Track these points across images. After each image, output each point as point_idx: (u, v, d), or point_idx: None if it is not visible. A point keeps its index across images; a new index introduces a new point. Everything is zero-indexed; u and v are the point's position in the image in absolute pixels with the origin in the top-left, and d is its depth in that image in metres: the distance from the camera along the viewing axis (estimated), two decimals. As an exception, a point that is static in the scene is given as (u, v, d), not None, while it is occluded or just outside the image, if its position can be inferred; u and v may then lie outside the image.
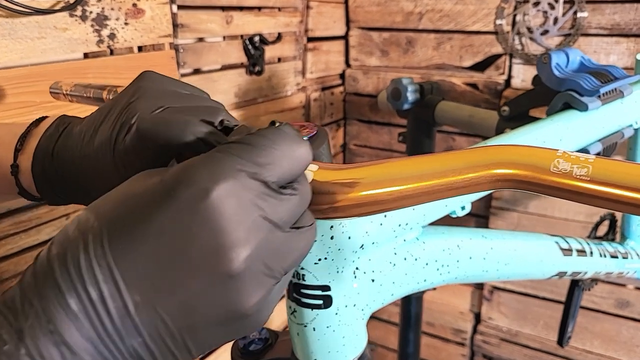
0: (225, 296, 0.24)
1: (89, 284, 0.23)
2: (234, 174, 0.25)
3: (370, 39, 1.33)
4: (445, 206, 0.51)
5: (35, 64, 0.77)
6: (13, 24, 0.74)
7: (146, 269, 0.23)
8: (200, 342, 0.25)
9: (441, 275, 0.52)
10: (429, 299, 1.42)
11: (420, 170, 0.30)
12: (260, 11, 1.09)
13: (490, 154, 0.29)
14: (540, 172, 0.27)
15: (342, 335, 0.44)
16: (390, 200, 0.31)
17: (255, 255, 0.24)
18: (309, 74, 1.27)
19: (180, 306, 0.24)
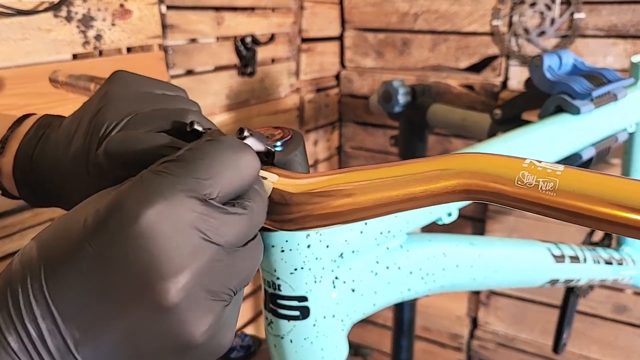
0: (167, 327, 0.22)
1: (27, 320, 0.21)
2: (168, 195, 0.23)
3: (366, 40, 1.32)
4: (429, 213, 0.49)
5: (19, 65, 0.75)
6: (-6, 25, 0.73)
7: (82, 302, 0.22)
8: None
9: (426, 284, 0.50)
10: (425, 304, 1.41)
11: (378, 180, 0.29)
12: (252, 12, 1.07)
13: (452, 164, 0.27)
14: (504, 185, 0.26)
15: (320, 347, 0.43)
16: (347, 212, 0.29)
17: (197, 282, 0.23)
18: (303, 75, 1.26)
19: (122, 339, 0.22)
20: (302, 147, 0.38)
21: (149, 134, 0.32)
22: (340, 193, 0.29)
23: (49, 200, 0.39)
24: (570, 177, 0.23)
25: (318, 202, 0.30)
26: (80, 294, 0.22)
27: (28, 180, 0.38)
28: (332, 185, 0.30)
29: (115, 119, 0.35)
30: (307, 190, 0.30)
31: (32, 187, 0.38)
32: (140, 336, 0.22)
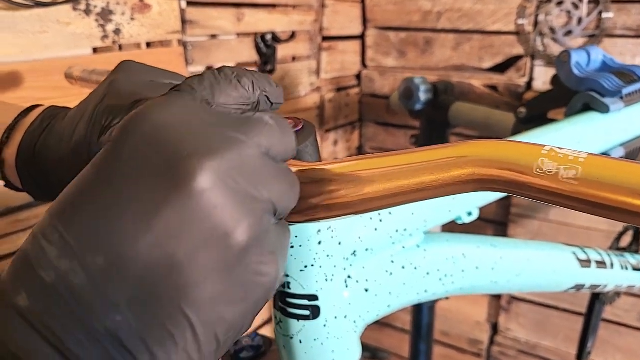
0: (200, 214, 0.20)
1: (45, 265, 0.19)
2: (188, 99, 0.23)
3: (387, 39, 1.30)
4: (448, 211, 0.47)
5: (37, 59, 0.75)
6: (13, 18, 0.73)
7: (102, 225, 0.19)
8: (198, 304, 0.20)
9: (444, 286, 0.48)
10: (444, 307, 1.38)
11: (387, 169, 0.27)
12: (273, 8, 1.06)
13: (466, 151, 0.25)
14: (522, 174, 0.24)
15: (331, 349, 0.41)
16: (355, 203, 0.28)
17: (229, 170, 0.20)
18: (324, 74, 1.24)
19: (154, 245, 0.19)
20: (314, 138, 0.36)
21: None
22: (347, 182, 0.28)
23: (51, 193, 0.38)
24: (595, 165, 0.21)
25: (325, 192, 0.28)
26: (88, 214, 0.20)
27: (31, 172, 0.38)
28: (339, 174, 0.28)
29: (120, 108, 0.34)
30: (314, 180, 0.28)
31: (35, 180, 0.38)
32: (173, 236, 0.19)
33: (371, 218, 0.42)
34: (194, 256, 0.20)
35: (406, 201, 0.28)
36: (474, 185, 0.26)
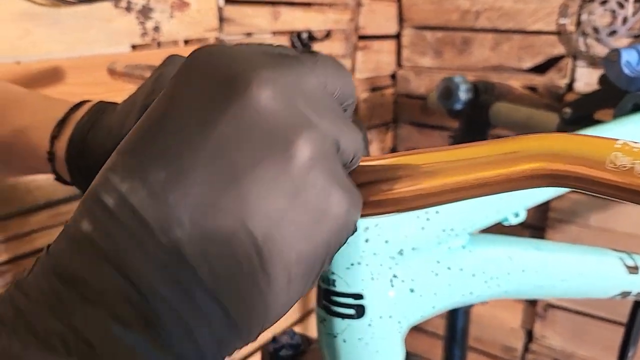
0: (259, 122, 0.19)
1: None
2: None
3: (424, 39, 1.28)
4: (496, 212, 0.46)
5: (80, 56, 0.76)
6: (58, 15, 0.74)
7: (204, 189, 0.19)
8: (260, 218, 0.19)
9: (489, 289, 0.47)
10: (477, 312, 1.35)
11: (445, 163, 0.26)
12: (309, 7, 1.06)
13: (531, 145, 0.24)
14: (593, 169, 0.22)
15: (375, 349, 0.40)
16: (409, 199, 0.27)
17: (284, 84, 0.20)
18: (359, 74, 1.23)
19: (208, 159, 0.19)
20: (364, 135, 0.36)
21: None
22: (401, 177, 0.27)
23: None
24: None
25: (378, 186, 0.27)
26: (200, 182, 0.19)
27: (80, 166, 0.38)
28: (393, 169, 0.27)
29: None
30: (366, 174, 0.27)
31: (83, 173, 0.38)
32: (233, 144, 0.19)
33: (418, 217, 0.41)
34: (255, 164, 0.19)
35: (464, 197, 0.27)
36: (540, 181, 0.24)
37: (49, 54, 0.74)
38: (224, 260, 0.18)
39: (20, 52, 0.72)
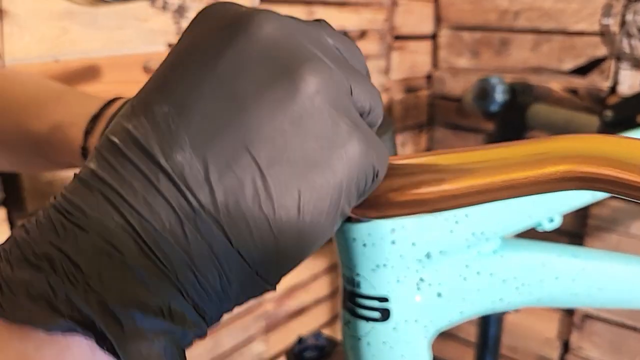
0: (263, 50, 0.19)
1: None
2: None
3: (461, 39, 1.26)
4: (528, 216, 0.45)
5: (116, 54, 0.78)
6: (95, 14, 0.75)
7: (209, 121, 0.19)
8: (264, 144, 0.19)
9: (521, 296, 0.46)
10: (512, 321, 1.32)
11: (472, 164, 0.25)
12: (344, 6, 1.05)
13: (562, 146, 0.23)
14: (627, 172, 0.21)
15: (400, 354, 0.39)
16: (435, 200, 0.26)
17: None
18: (394, 74, 1.22)
19: (211, 90, 0.19)
20: (392, 133, 0.35)
21: None
22: (428, 177, 0.26)
23: None
24: None
25: (403, 187, 0.27)
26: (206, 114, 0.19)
27: None
28: (418, 169, 0.26)
29: None
30: (391, 174, 0.27)
31: None
32: (235, 74, 0.19)
33: (446, 219, 0.40)
34: (258, 92, 0.19)
35: (491, 199, 0.26)
36: (570, 183, 0.23)
37: (86, 52, 0.75)
38: (226, 184, 0.18)
39: (58, 50, 0.73)
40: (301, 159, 0.19)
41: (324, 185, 0.20)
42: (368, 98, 0.22)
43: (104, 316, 0.17)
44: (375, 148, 0.22)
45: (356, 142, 0.20)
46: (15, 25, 0.69)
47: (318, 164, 0.19)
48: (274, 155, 0.19)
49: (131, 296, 0.17)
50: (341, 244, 0.38)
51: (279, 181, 0.19)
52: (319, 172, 0.20)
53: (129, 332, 0.17)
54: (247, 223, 0.18)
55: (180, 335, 0.18)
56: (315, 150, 0.19)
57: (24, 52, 0.71)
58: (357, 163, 0.21)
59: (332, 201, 0.20)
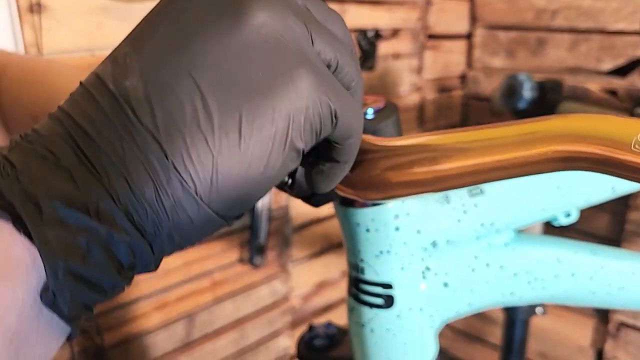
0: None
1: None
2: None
3: (496, 39, 1.24)
4: (542, 209, 0.44)
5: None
6: (129, 9, 0.78)
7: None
8: (207, 70, 0.20)
9: (533, 291, 0.45)
10: (543, 327, 1.29)
11: (463, 144, 0.25)
12: (377, 5, 1.05)
13: (549, 126, 0.23)
14: (616, 150, 0.21)
15: (403, 342, 0.39)
16: (428, 181, 0.26)
17: None
18: (426, 74, 1.21)
19: (162, 30, 0.21)
20: (396, 118, 0.35)
21: None
22: (421, 157, 0.26)
23: None
24: None
25: (399, 167, 0.27)
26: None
27: None
28: (414, 149, 0.27)
29: None
30: (388, 155, 0.27)
31: None
32: (184, 9, 0.21)
33: (454, 208, 0.40)
34: (205, 25, 0.20)
35: (483, 180, 0.26)
36: (558, 164, 0.23)
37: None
38: (165, 104, 0.19)
39: (94, 44, 0.76)
40: (244, 85, 0.20)
41: (267, 111, 0.20)
42: (332, 52, 0.22)
43: (24, 203, 0.18)
44: (331, 86, 0.22)
45: (304, 73, 0.21)
46: (53, 19, 0.72)
47: (261, 90, 0.20)
48: (217, 79, 0.20)
49: (57, 190, 0.18)
50: (346, 229, 0.38)
51: (219, 103, 0.20)
52: (262, 97, 0.20)
53: (47, 219, 0.18)
54: (184, 140, 0.19)
55: (107, 236, 0.19)
56: (259, 78, 0.20)
57: (61, 46, 0.74)
58: (305, 94, 0.21)
59: (277, 129, 0.20)
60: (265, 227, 1.00)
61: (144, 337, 0.95)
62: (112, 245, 0.19)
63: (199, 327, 1.03)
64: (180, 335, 1.01)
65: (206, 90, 0.19)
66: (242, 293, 1.07)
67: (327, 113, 0.22)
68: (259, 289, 1.09)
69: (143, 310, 0.94)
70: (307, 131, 0.21)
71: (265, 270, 1.09)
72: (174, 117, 0.19)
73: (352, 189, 0.29)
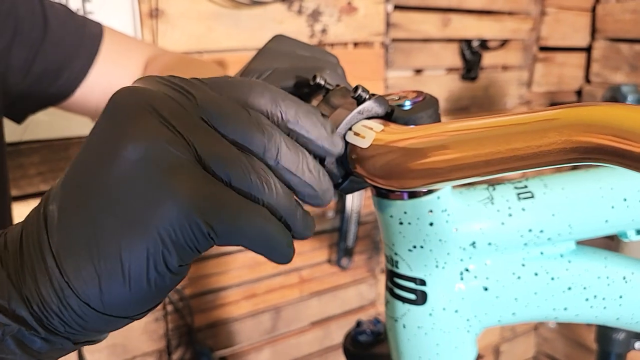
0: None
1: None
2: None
3: (618, 52, 1.15)
4: (604, 222, 0.41)
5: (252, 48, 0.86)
6: (237, 15, 0.84)
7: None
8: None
9: (592, 310, 0.42)
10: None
11: (477, 132, 0.25)
12: (484, 14, 1.03)
13: (563, 115, 0.22)
14: (631, 141, 0.20)
15: (435, 342, 0.39)
16: (443, 170, 0.26)
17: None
18: (536, 87, 1.16)
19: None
20: (433, 111, 0.35)
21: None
22: (435, 148, 0.27)
23: None
24: None
25: (412, 155, 0.27)
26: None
27: None
28: (427, 138, 0.27)
29: (260, 70, 0.38)
30: (409, 144, 0.28)
31: None
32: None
33: (499, 210, 0.38)
34: (97, 159, 0.24)
35: (500, 170, 0.25)
36: (571, 155, 0.22)
37: (229, 49, 0.84)
38: (69, 231, 0.23)
39: (203, 46, 0.83)
40: (123, 213, 0.23)
41: (140, 236, 0.23)
42: (223, 166, 0.24)
43: None
44: (208, 206, 0.23)
45: (168, 201, 0.22)
46: (169, 23, 0.80)
47: (136, 217, 0.22)
48: (104, 208, 0.23)
49: None
50: (381, 221, 0.39)
51: (104, 230, 0.23)
52: (136, 224, 0.23)
53: None
54: (77, 263, 0.23)
55: (16, 331, 0.23)
56: (135, 206, 0.23)
57: (174, 47, 0.81)
58: (169, 220, 0.22)
59: (150, 251, 0.23)
60: (353, 230, 1.02)
61: (232, 323, 1.01)
62: (24, 339, 0.23)
63: (284, 321, 1.06)
64: (266, 327, 1.05)
65: (96, 218, 0.23)
66: (329, 293, 1.09)
67: (198, 234, 0.23)
68: (346, 291, 1.11)
69: (233, 298, 0.99)
70: (181, 250, 0.23)
71: (354, 273, 1.10)
72: (72, 243, 0.23)
73: (375, 176, 0.30)
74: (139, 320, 0.25)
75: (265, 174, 0.25)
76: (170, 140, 0.23)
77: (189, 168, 0.23)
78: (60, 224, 0.23)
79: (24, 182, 0.76)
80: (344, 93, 0.35)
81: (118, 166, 0.23)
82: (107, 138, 0.23)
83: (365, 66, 0.92)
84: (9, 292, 0.23)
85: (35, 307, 0.23)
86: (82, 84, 0.56)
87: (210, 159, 0.23)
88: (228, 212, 0.23)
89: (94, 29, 0.56)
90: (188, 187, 0.22)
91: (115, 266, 0.23)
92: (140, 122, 0.23)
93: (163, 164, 0.23)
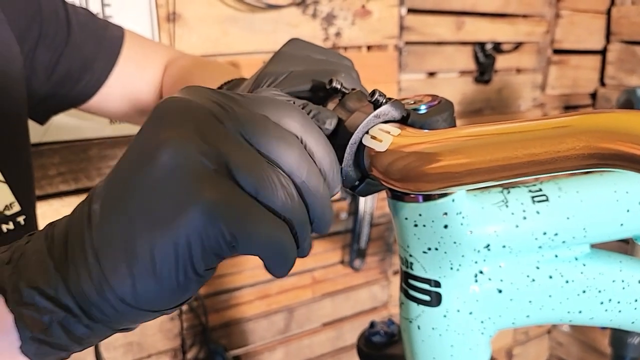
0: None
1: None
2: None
3: (634, 55, 1.15)
4: (619, 225, 0.41)
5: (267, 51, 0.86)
6: (252, 19, 0.84)
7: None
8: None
9: (607, 313, 0.42)
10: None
11: (494, 137, 0.25)
12: (497, 18, 1.03)
13: (582, 121, 0.22)
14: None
15: (450, 343, 0.39)
16: (459, 174, 0.26)
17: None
18: (550, 90, 1.15)
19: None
20: (448, 115, 0.36)
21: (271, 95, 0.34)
22: (451, 152, 0.27)
23: None
24: None
25: (428, 159, 0.28)
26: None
27: None
28: (444, 142, 0.28)
29: (275, 74, 0.39)
30: (424, 148, 0.28)
31: None
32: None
33: (513, 213, 0.39)
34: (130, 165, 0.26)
35: (516, 175, 0.26)
36: (590, 161, 0.22)
37: (240, 52, 0.85)
38: (108, 231, 0.25)
39: (219, 49, 0.84)
40: (154, 219, 0.24)
41: (171, 240, 0.24)
42: (253, 179, 0.25)
43: (12, 290, 0.26)
44: (233, 216, 0.24)
45: (193, 209, 0.24)
46: (186, 27, 0.81)
47: (166, 222, 0.24)
48: (140, 212, 0.25)
49: (33, 282, 0.25)
50: (396, 223, 0.39)
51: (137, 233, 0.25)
52: (166, 229, 0.24)
53: (24, 302, 0.25)
54: (114, 262, 0.25)
55: (62, 317, 0.25)
56: (166, 211, 0.24)
57: (191, 50, 0.82)
58: (193, 228, 0.24)
59: (179, 255, 0.24)
60: (366, 232, 1.02)
61: (246, 323, 1.02)
62: (69, 325, 0.26)
63: (297, 321, 1.07)
64: (279, 327, 1.06)
65: (132, 219, 0.24)
66: (341, 294, 1.09)
67: (221, 241, 0.24)
68: (359, 292, 1.11)
69: (246, 298, 1.00)
70: (205, 254, 0.25)
71: (366, 274, 1.10)
72: (110, 243, 0.24)
73: (391, 179, 0.31)
74: (155, 320, 0.27)
75: (292, 191, 0.26)
76: (203, 151, 0.24)
77: (217, 179, 0.24)
78: (100, 222, 0.25)
79: (45, 182, 0.77)
80: (360, 97, 0.35)
81: (153, 171, 0.24)
82: (146, 144, 0.25)
83: (379, 69, 0.93)
84: (56, 282, 0.25)
85: (77, 298, 0.25)
86: (104, 85, 0.57)
87: (239, 172, 0.24)
88: (251, 224, 0.24)
89: (116, 32, 0.57)
90: (214, 197, 0.24)
91: (147, 267, 0.24)
92: (177, 131, 0.24)
93: (193, 172, 0.24)
